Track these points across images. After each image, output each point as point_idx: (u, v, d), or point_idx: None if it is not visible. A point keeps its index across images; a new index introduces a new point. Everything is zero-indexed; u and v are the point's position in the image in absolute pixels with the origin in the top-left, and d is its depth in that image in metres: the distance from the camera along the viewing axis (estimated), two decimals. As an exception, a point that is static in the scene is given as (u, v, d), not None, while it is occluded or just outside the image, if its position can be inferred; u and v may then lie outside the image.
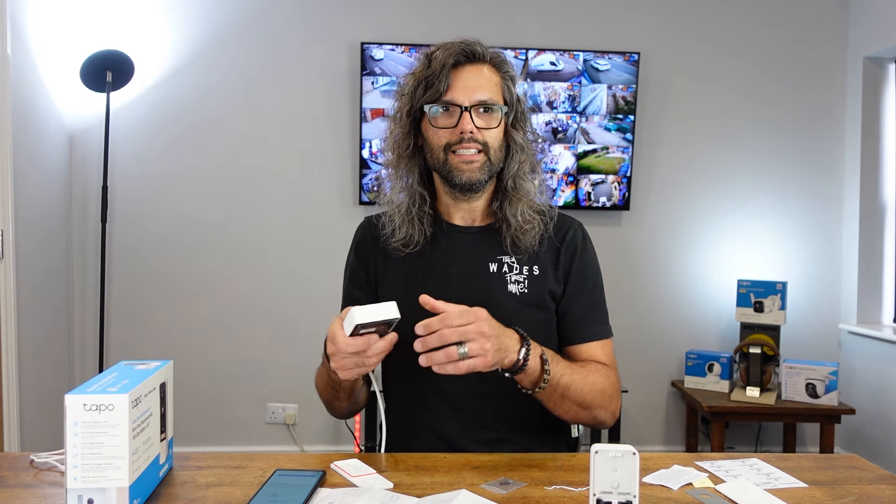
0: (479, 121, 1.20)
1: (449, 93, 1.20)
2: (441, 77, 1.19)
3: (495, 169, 1.24)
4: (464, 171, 1.21)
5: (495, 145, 1.23)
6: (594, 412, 1.19)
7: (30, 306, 2.74)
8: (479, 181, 1.23)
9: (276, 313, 3.23)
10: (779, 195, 3.35)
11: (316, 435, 3.26)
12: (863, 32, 3.26)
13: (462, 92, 1.20)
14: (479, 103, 1.20)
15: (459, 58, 1.20)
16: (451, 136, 1.21)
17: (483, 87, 1.21)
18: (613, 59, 3.17)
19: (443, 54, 1.21)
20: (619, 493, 0.84)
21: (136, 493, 0.89)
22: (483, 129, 1.21)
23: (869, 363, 3.20)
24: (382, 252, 1.30)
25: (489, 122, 1.22)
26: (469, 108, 1.20)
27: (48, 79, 2.92)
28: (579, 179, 3.21)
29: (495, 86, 1.23)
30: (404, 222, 1.26)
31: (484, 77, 1.22)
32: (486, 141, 1.21)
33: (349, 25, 3.19)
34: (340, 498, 0.93)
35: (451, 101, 1.20)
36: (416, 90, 1.23)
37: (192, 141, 3.18)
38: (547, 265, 1.27)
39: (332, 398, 1.23)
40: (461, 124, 1.20)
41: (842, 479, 1.06)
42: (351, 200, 3.23)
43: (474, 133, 1.20)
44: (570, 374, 1.14)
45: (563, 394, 1.14)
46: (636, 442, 3.24)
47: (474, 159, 1.21)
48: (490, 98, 1.21)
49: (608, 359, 1.28)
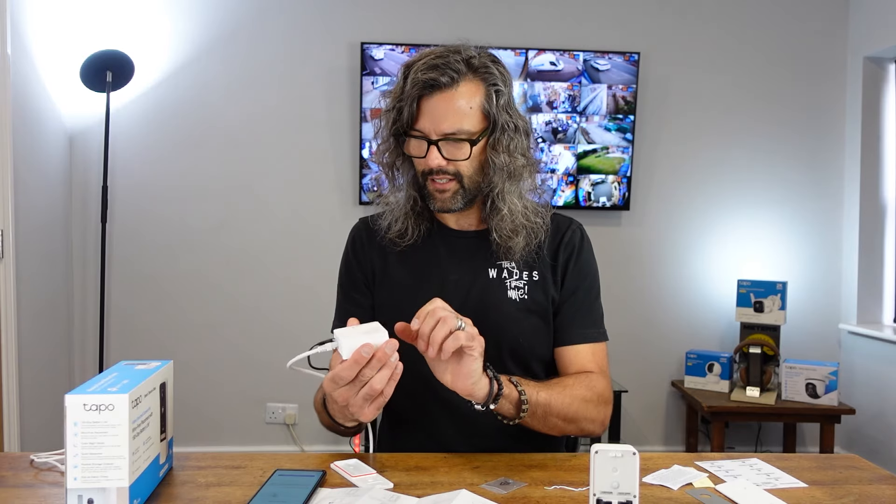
0: (448, 151, 1.16)
1: (417, 123, 1.16)
2: (410, 106, 1.15)
3: (473, 193, 1.21)
4: (437, 199, 1.20)
5: (469, 172, 1.19)
6: (580, 424, 1.16)
7: (30, 306, 2.74)
8: (454, 209, 1.20)
9: (276, 312, 3.23)
10: (779, 195, 3.35)
11: (316, 435, 3.26)
12: (863, 32, 3.26)
13: (429, 123, 1.15)
14: (445, 136, 1.15)
15: (425, 89, 1.15)
16: (424, 166, 1.18)
17: (451, 117, 1.14)
18: (613, 59, 3.17)
19: (412, 80, 1.15)
20: (619, 493, 0.84)
21: (136, 493, 0.89)
22: (453, 160, 1.17)
23: (869, 363, 3.20)
24: (378, 252, 1.29)
25: (459, 153, 1.17)
26: (436, 142, 1.15)
27: (48, 79, 2.92)
28: (579, 179, 3.21)
29: (469, 110, 1.16)
30: (400, 216, 1.25)
31: (454, 104, 1.15)
32: (459, 170, 1.18)
33: (349, 25, 3.19)
34: (340, 498, 0.93)
35: (419, 132, 1.16)
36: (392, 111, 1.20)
37: (192, 141, 3.18)
38: (546, 269, 1.26)
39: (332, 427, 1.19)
40: (428, 157, 1.16)
41: (842, 479, 1.06)
42: (351, 200, 3.23)
43: (442, 166, 1.17)
44: (547, 390, 1.12)
45: (545, 412, 1.11)
46: (636, 442, 3.24)
47: (447, 188, 1.18)
48: (458, 129, 1.15)
49: (597, 364, 1.24)
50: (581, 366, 1.24)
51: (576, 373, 1.23)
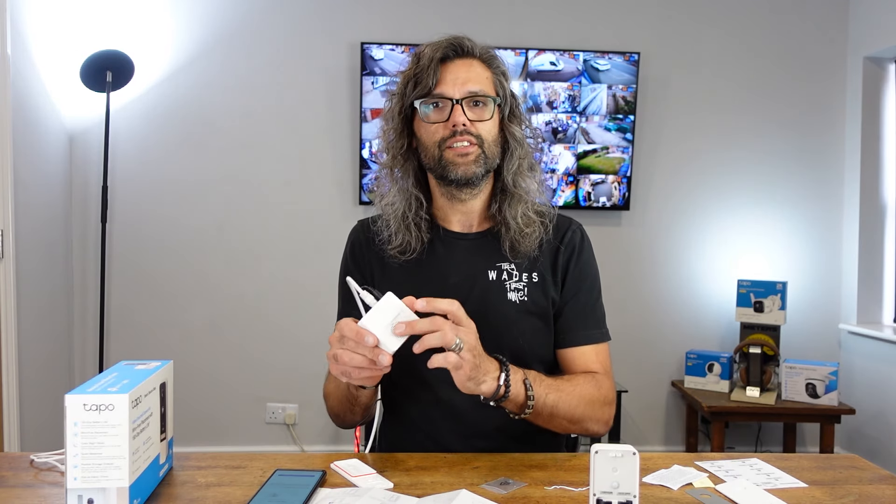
0: (471, 113, 1.18)
1: (438, 87, 1.18)
2: (430, 72, 1.17)
3: (491, 163, 1.21)
4: (459, 165, 1.18)
5: (490, 138, 1.20)
6: (585, 424, 1.17)
7: (30, 306, 2.74)
8: (476, 175, 1.19)
9: (276, 312, 3.23)
10: (779, 195, 3.35)
11: (316, 435, 3.26)
12: (863, 32, 3.26)
13: (451, 85, 1.18)
14: (469, 95, 1.18)
15: (447, 52, 1.19)
16: (444, 131, 1.18)
17: (473, 79, 1.19)
18: (613, 59, 3.17)
19: (431, 50, 1.19)
20: (619, 493, 0.84)
21: (136, 493, 0.89)
22: (476, 121, 1.18)
23: (869, 363, 3.20)
24: (377, 257, 1.28)
25: (482, 114, 1.19)
26: (460, 101, 1.17)
27: (48, 79, 2.92)
28: (579, 179, 3.21)
29: (486, 79, 1.21)
30: (400, 228, 1.23)
31: (474, 70, 1.20)
32: (480, 133, 1.19)
33: (349, 25, 3.19)
34: (340, 498, 0.93)
35: (441, 95, 1.18)
36: (406, 88, 1.21)
37: (192, 141, 3.18)
38: (546, 271, 1.25)
39: (345, 411, 1.20)
40: (453, 117, 1.17)
41: (842, 479, 1.06)
42: (351, 200, 3.23)
43: (467, 125, 1.17)
44: (556, 391, 1.12)
45: (551, 413, 1.12)
46: (636, 442, 3.24)
47: (468, 151, 1.18)
48: (481, 89, 1.19)
49: (601, 365, 1.25)
50: (585, 367, 1.24)
51: (582, 372, 1.23)
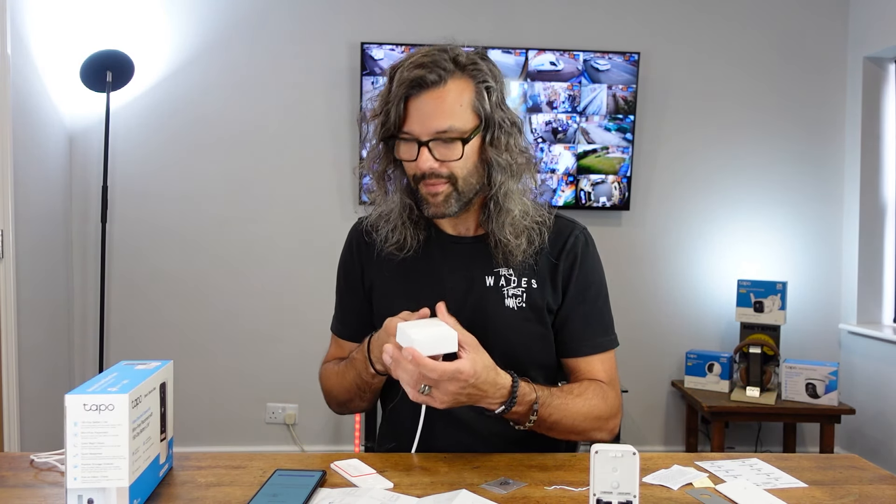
0: (440, 152, 1.12)
1: (406, 125, 1.12)
2: (396, 107, 1.11)
3: (468, 196, 1.16)
4: (430, 204, 1.15)
5: (463, 174, 1.14)
6: (589, 434, 1.18)
7: (30, 306, 2.74)
8: (448, 213, 1.16)
9: (275, 313, 3.23)
10: (779, 195, 3.35)
11: (316, 435, 3.26)
12: (863, 32, 3.26)
13: (418, 123, 1.11)
14: (436, 136, 1.11)
15: (412, 89, 1.10)
16: (415, 170, 1.14)
17: (443, 114, 1.10)
18: (613, 59, 3.17)
19: (399, 78, 1.11)
20: (619, 493, 0.84)
21: (136, 493, 0.89)
22: (445, 161, 1.12)
23: (869, 363, 3.20)
24: (375, 259, 1.27)
25: (451, 153, 1.12)
26: (427, 143, 1.11)
27: (48, 79, 2.92)
28: (579, 179, 3.21)
29: (460, 107, 1.11)
30: (397, 226, 1.22)
31: (445, 102, 1.10)
32: (453, 172, 1.13)
33: (349, 25, 3.19)
34: (340, 498, 0.93)
35: (408, 135, 1.12)
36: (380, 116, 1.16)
37: (192, 141, 3.18)
38: (545, 277, 1.23)
39: (352, 398, 1.23)
40: (419, 161, 1.12)
41: (842, 479, 1.06)
42: (351, 200, 3.23)
43: (435, 168, 1.12)
44: (561, 411, 1.13)
45: (550, 427, 1.14)
46: (636, 442, 3.24)
47: (439, 191, 1.13)
48: (451, 126, 1.10)
49: (608, 374, 1.24)
50: (591, 377, 1.24)
51: (589, 380, 1.23)
